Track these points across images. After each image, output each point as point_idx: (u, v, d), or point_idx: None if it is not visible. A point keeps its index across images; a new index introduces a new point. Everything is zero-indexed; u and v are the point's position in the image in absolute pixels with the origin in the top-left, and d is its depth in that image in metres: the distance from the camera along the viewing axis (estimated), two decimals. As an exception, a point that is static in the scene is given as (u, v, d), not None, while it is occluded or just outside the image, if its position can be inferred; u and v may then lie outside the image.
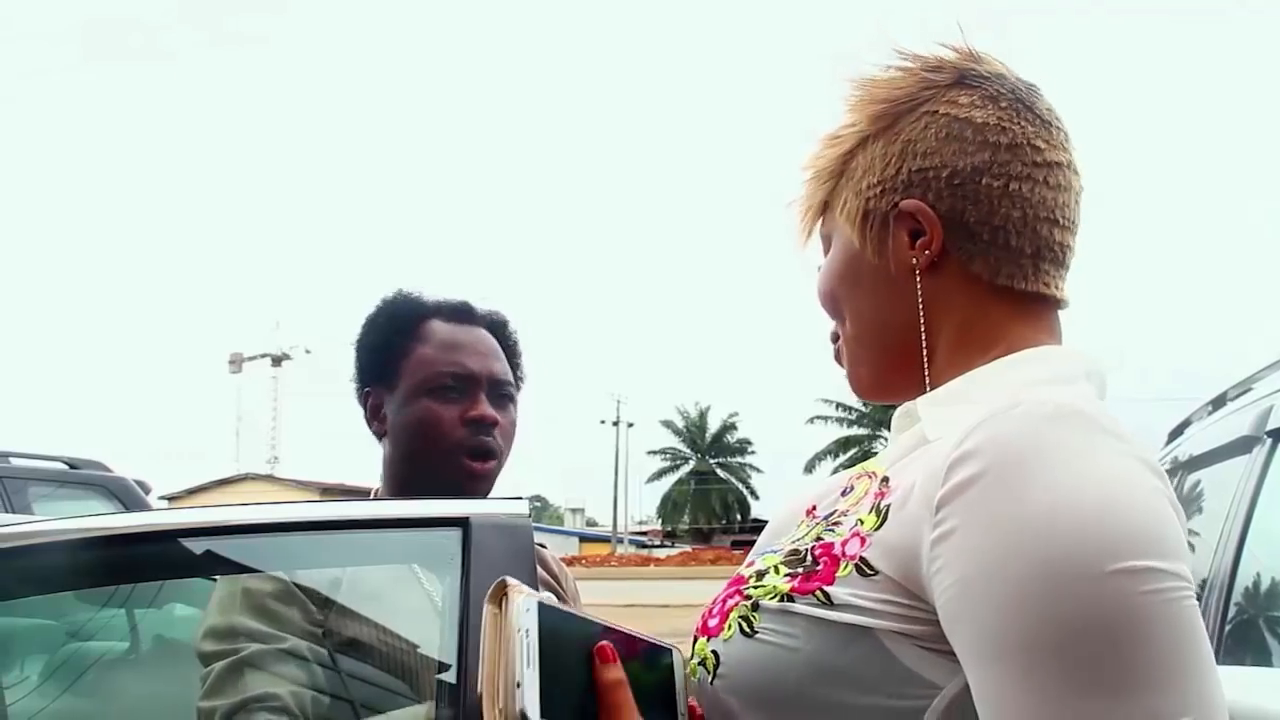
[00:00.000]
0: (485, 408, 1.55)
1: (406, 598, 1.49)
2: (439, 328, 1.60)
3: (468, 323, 1.63)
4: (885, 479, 0.83)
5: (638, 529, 48.61)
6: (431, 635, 1.40)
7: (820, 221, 0.99)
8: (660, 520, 50.40)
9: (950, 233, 0.89)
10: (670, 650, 0.85)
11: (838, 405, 56.92)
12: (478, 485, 1.55)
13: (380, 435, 1.61)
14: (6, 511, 5.60)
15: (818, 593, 0.78)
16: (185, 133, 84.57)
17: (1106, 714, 0.65)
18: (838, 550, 0.80)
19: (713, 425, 50.95)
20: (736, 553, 32.36)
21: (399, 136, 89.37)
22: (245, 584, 1.38)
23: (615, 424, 46.73)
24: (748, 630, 0.80)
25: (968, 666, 0.71)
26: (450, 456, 1.54)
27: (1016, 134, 0.90)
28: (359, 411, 1.65)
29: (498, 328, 1.68)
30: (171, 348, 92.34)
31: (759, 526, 1.05)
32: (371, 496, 1.65)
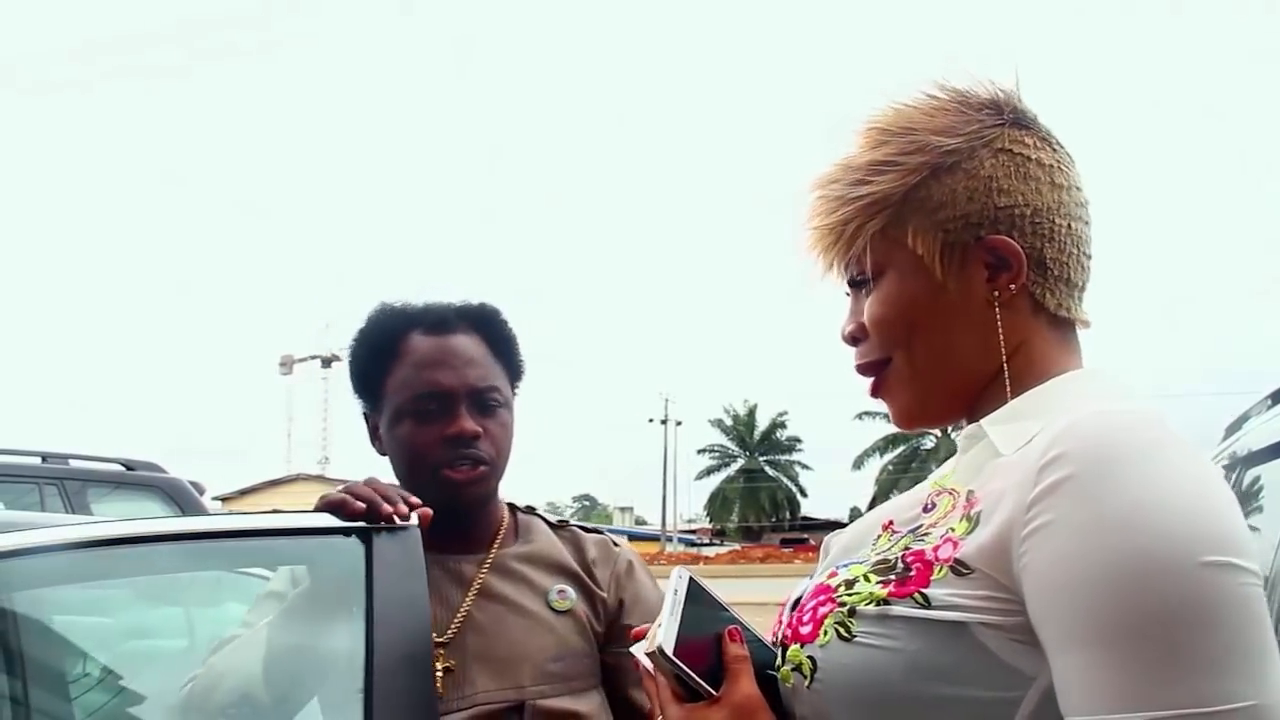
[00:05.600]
0: (464, 423, 1.55)
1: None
2: (417, 343, 1.60)
3: (447, 331, 1.61)
4: (970, 492, 0.89)
5: (686, 527, 48.48)
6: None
7: (867, 248, 0.99)
8: (709, 518, 50.29)
9: (1030, 268, 0.95)
10: (775, 651, 0.95)
11: (887, 402, 56.41)
12: (467, 492, 1.56)
13: (382, 454, 1.64)
14: (67, 512, 5.71)
15: (916, 595, 0.83)
16: (239, 135, 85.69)
17: (1190, 694, 0.71)
18: (930, 556, 0.86)
19: (761, 423, 50.80)
20: (785, 551, 32.23)
21: (446, 136, 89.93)
22: None
23: (664, 423, 46.66)
24: (845, 635, 0.85)
25: (1056, 651, 0.77)
26: (435, 474, 1.55)
27: (1071, 176, 0.99)
28: None
29: (485, 324, 1.65)
30: (224, 350, 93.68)
31: (808, 524, 1.07)
32: None
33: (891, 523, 0.97)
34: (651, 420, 47.21)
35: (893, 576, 0.86)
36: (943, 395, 1.00)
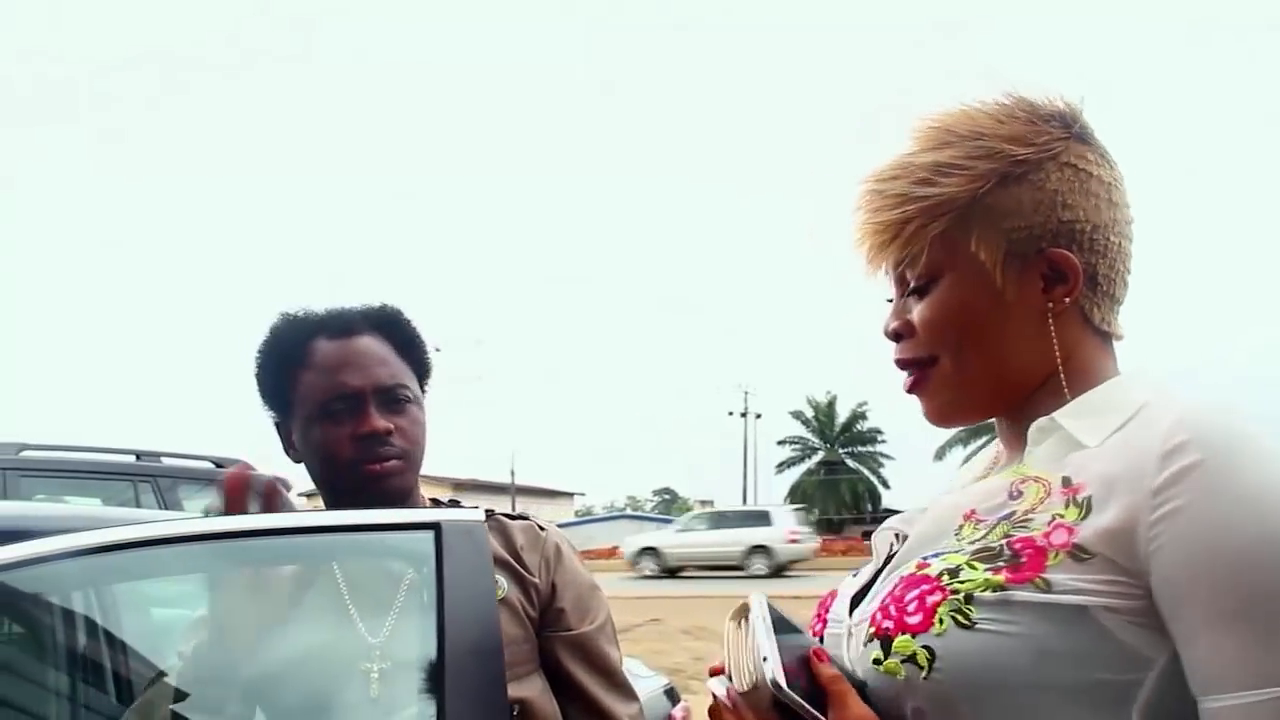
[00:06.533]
0: (374, 421, 1.58)
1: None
2: (321, 348, 1.62)
3: (349, 334, 1.64)
4: (1065, 479, 0.90)
5: (768, 520, 48.29)
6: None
7: (924, 250, 1.00)
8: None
9: (1084, 282, 0.98)
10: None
11: (970, 392, 55.59)
12: (386, 485, 1.59)
13: (297, 462, 1.66)
14: (160, 508, 5.86)
15: (1037, 580, 0.84)
16: (303, 137, 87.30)
17: None
18: (1041, 542, 0.86)
19: (841, 414, 50.32)
20: (868, 544, 31.69)
21: (512, 135, 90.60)
22: None
23: (744, 415, 46.56)
24: (965, 622, 0.85)
25: (1200, 632, 0.79)
26: (351, 473, 1.58)
27: (1124, 194, 1.01)
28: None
29: (388, 326, 1.68)
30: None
31: (891, 516, 1.06)
32: None
33: (974, 511, 0.96)
34: (731, 413, 47.14)
35: (1002, 564, 0.86)
36: (984, 398, 1.02)
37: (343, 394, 1.59)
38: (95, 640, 1.68)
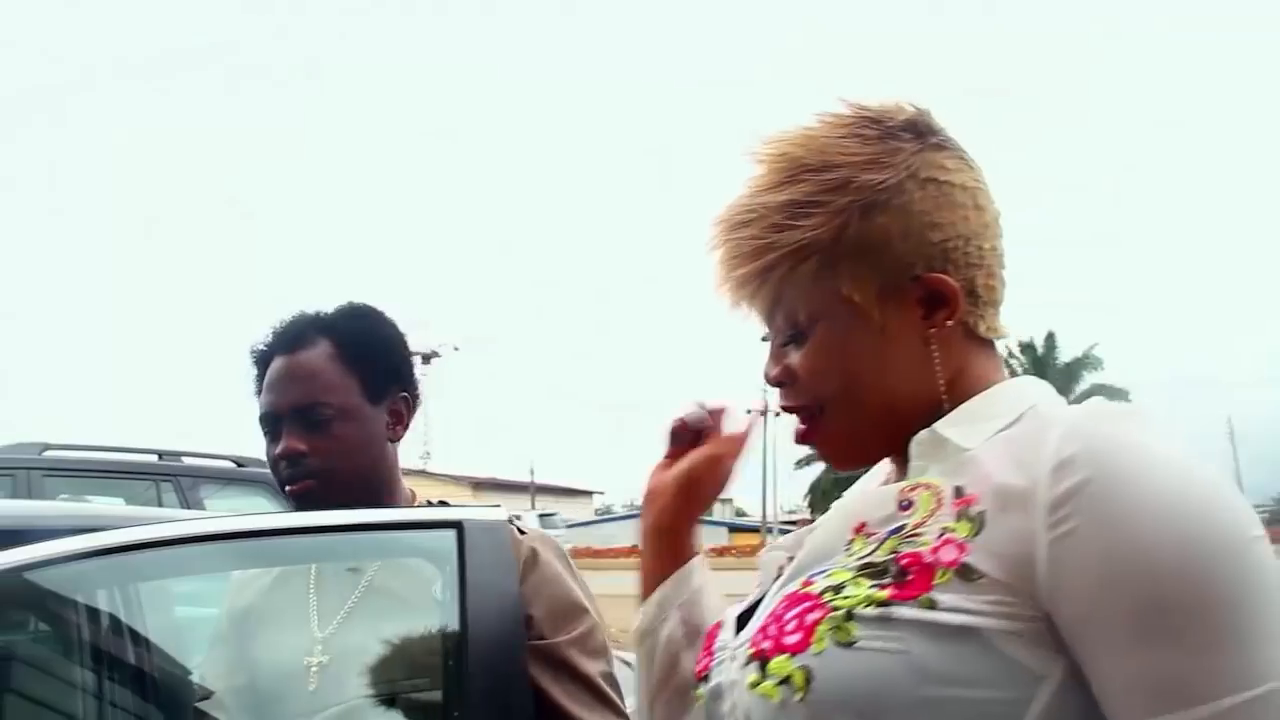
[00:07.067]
0: (285, 443, 1.62)
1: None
2: (271, 367, 1.67)
3: (293, 349, 1.66)
4: (958, 489, 0.85)
5: (787, 518, 48.17)
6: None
7: (795, 296, 0.94)
8: (809, 509, 49.93)
9: (965, 299, 0.93)
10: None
11: (990, 389, 55.30)
12: (302, 505, 1.62)
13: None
14: (182, 507, 5.90)
15: (921, 598, 0.79)
16: (338, 139, 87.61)
17: (1273, 664, 0.72)
18: (929, 559, 0.81)
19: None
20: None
21: (545, 132, 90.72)
22: None
23: (763, 413, 46.34)
24: (844, 641, 0.80)
25: (1104, 659, 0.75)
26: (283, 490, 1.65)
27: (987, 193, 0.96)
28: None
29: (341, 330, 1.68)
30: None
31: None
32: None
33: (864, 525, 0.90)
34: (750, 410, 47.00)
35: (888, 580, 0.82)
36: (880, 438, 0.96)
37: (263, 416, 1.65)
38: (119, 639, 1.68)
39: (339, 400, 1.64)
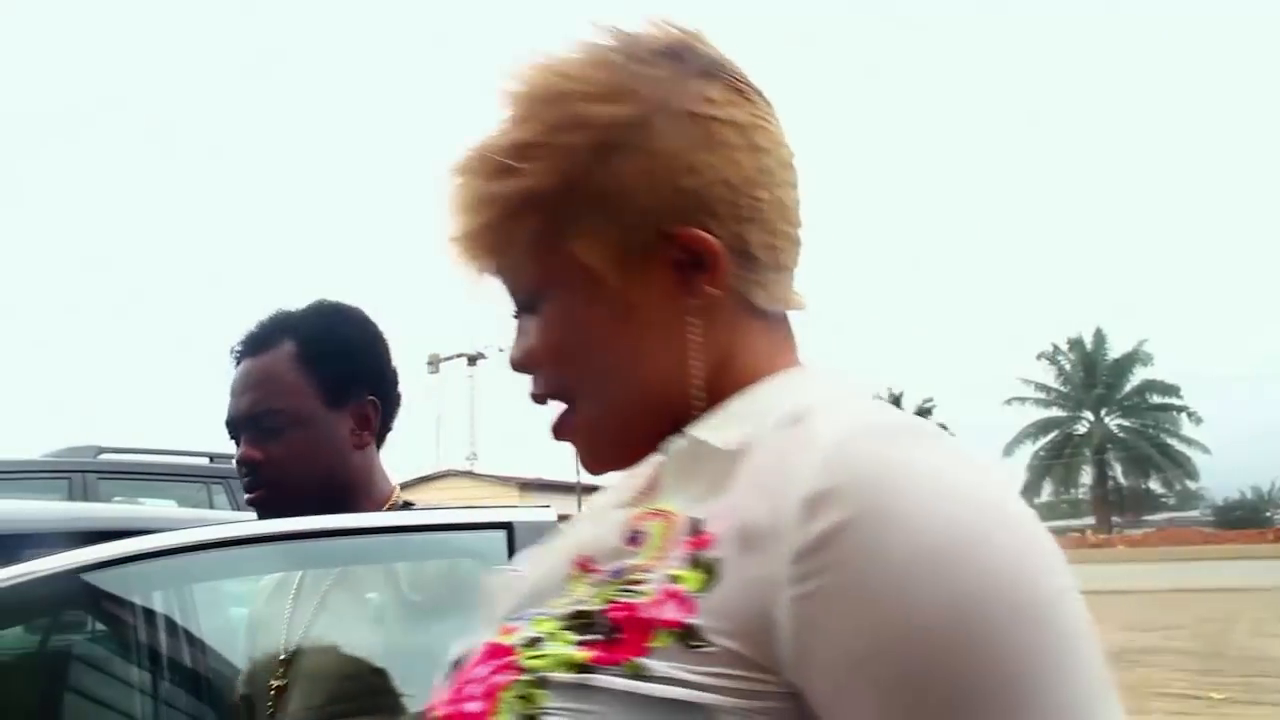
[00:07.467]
0: (242, 451, 1.60)
1: None
2: (237, 370, 1.65)
3: (254, 352, 1.64)
4: (696, 523, 0.67)
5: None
6: None
7: (520, 258, 0.78)
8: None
9: (733, 261, 0.74)
10: None
11: (1036, 386, 54.90)
12: (259, 514, 1.60)
13: None
14: (233, 509, 5.96)
15: (627, 664, 0.62)
16: (373, 142, 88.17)
17: None
18: (645, 614, 0.64)
19: (907, 410, 49.79)
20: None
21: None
22: None
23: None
24: (528, 713, 0.63)
25: None
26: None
27: (772, 133, 0.77)
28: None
29: (303, 331, 1.65)
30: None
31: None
32: None
33: (589, 560, 0.72)
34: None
35: (596, 636, 0.64)
36: (637, 435, 0.77)
37: (227, 422, 1.64)
38: (175, 639, 1.71)
39: (293, 406, 1.60)
